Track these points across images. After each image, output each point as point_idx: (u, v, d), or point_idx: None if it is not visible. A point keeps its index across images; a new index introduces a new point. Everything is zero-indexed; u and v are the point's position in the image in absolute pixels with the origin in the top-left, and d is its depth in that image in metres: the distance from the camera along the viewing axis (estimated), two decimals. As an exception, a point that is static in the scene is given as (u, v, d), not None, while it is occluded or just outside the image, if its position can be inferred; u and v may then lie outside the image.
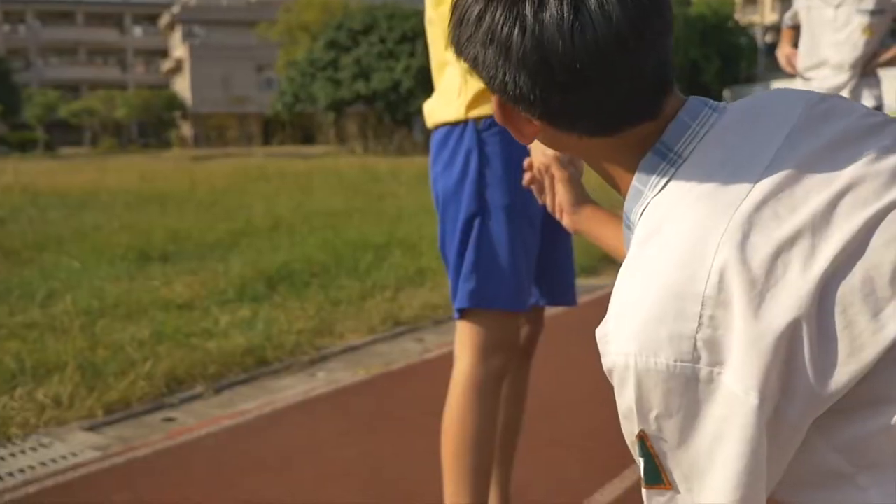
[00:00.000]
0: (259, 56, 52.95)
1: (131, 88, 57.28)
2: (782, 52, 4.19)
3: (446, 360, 3.78)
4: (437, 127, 1.88)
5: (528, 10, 0.79)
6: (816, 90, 3.76)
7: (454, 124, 1.82)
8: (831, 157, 0.82)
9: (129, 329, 4.12)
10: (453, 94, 1.82)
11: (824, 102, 0.89)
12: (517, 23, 0.80)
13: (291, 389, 3.47)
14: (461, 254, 1.82)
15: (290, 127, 46.77)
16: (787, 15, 4.21)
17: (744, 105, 0.90)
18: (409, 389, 3.47)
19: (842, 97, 0.92)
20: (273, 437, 2.95)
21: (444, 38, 1.87)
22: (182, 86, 55.64)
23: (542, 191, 1.47)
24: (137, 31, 65.09)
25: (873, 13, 3.77)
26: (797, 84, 4.10)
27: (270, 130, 50.25)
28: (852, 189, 0.80)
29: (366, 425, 3.06)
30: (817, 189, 0.79)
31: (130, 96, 51.32)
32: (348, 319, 4.46)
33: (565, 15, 0.78)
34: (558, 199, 1.39)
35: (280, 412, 3.20)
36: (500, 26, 0.81)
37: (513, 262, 1.81)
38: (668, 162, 0.85)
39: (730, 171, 0.81)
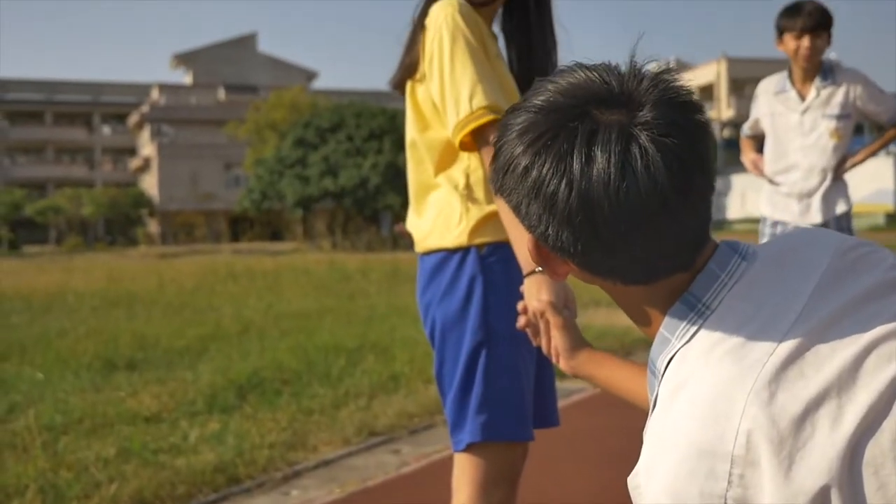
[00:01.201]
0: (227, 154, 53.37)
1: (99, 186, 57.22)
2: (748, 158, 4.28)
3: (424, 474, 3.69)
4: (429, 253, 1.85)
5: (577, 167, 0.81)
6: (786, 193, 3.81)
7: (453, 251, 1.80)
8: (857, 313, 0.83)
9: (93, 446, 3.96)
10: (452, 220, 1.80)
11: (854, 251, 0.90)
12: (564, 178, 0.81)
13: (264, 510, 3.33)
14: (467, 384, 1.78)
15: (257, 224, 46.84)
16: (746, 125, 4.31)
17: (772, 251, 0.92)
18: (387, 508, 3.35)
19: (873, 244, 0.93)
20: (246, 566, 2.81)
21: (429, 161, 1.89)
22: (150, 183, 55.76)
23: (536, 333, 1.47)
24: (106, 129, 65.49)
25: (839, 118, 3.87)
26: (765, 186, 4.17)
27: (238, 227, 50.24)
28: (878, 346, 0.80)
29: (343, 550, 2.93)
30: (843, 346, 0.80)
31: (97, 194, 51.22)
32: (321, 430, 4.33)
33: (612, 175, 0.79)
34: (555, 344, 1.39)
35: (253, 537, 3.06)
36: (546, 181, 0.82)
37: (521, 390, 1.78)
38: (696, 313, 0.87)
39: (756, 326, 0.82)
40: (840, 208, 3.88)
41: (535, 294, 1.55)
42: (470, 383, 1.77)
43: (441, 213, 1.83)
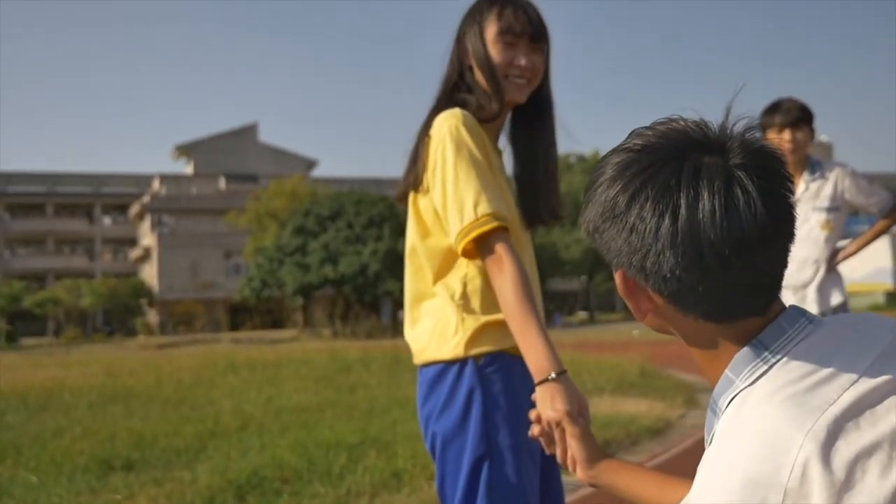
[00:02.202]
0: (227, 243, 53.69)
1: (98, 277, 57.35)
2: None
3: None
4: (427, 365, 1.84)
5: (683, 200, 0.87)
6: (782, 286, 3.82)
7: (450, 362, 1.78)
8: None
9: (87, 556, 3.85)
10: (448, 331, 1.79)
11: None
12: (670, 208, 0.88)
13: None
14: (469, 500, 1.74)
15: (257, 312, 46.75)
16: None
17: (838, 322, 0.98)
18: None
19: None
20: None
21: (428, 268, 1.88)
22: (149, 273, 55.92)
23: (550, 443, 1.46)
24: (107, 220, 66.02)
25: (829, 210, 3.91)
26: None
27: (238, 316, 50.14)
28: None
29: None
30: None
31: (97, 285, 51.29)
32: (323, 534, 4.22)
33: (718, 211, 0.86)
34: (572, 454, 1.38)
35: None
36: (650, 213, 0.89)
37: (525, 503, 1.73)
38: (762, 359, 0.92)
39: (819, 380, 0.88)
40: (835, 300, 3.88)
41: (549, 403, 1.52)
42: (472, 499, 1.74)
43: (437, 324, 1.82)
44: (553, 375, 1.57)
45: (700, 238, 0.87)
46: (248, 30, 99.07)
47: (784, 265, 0.94)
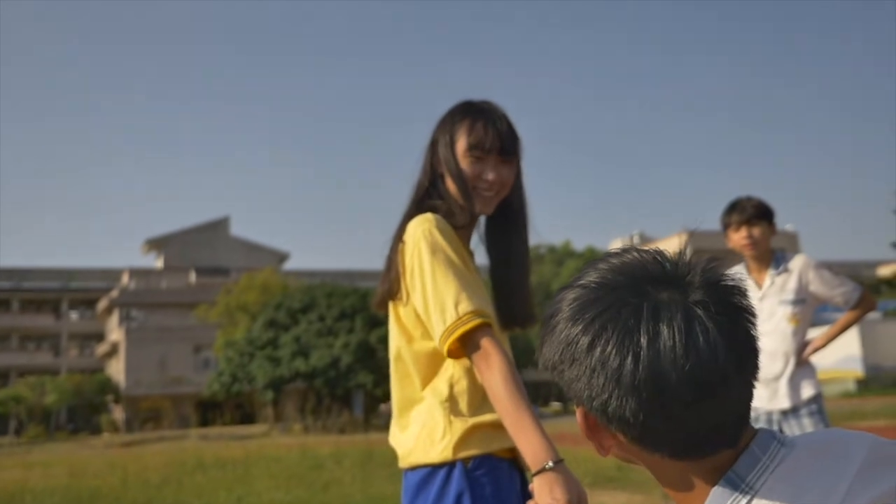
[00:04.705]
0: (197, 336, 52.93)
1: (63, 373, 56.06)
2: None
3: None
4: (413, 468, 1.83)
5: (644, 342, 0.85)
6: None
7: (438, 466, 1.78)
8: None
9: None
10: (435, 434, 1.79)
11: (891, 448, 0.94)
12: (631, 353, 0.85)
13: None
14: None
15: (227, 407, 45.80)
16: None
17: (811, 441, 0.95)
18: None
19: None
20: None
21: (415, 373, 1.88)
22: (116, 368, 54.79)
23: None
24: (74, 315, 64.97)
25: (794, 303, 3.98)
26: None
27: (207, 411, 49.05)
28: None
29: None
30: None
31: (61, 381, 50.03)
32: None
33: (678, 351, 0.84)
34: None
35: None
36: (613, 355, 0.86)
37: None
38: (741, 491, 0.89)
39: None
40: (806, 392, 3.91)
41: (548, 492, 1.52)
42: None
43: (424, 428, 1.81)
44: (550, 464, 1.57)
45: (662, 384, 0.85)
46: (219, 124, 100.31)
47: (751, 396, 0.92)
